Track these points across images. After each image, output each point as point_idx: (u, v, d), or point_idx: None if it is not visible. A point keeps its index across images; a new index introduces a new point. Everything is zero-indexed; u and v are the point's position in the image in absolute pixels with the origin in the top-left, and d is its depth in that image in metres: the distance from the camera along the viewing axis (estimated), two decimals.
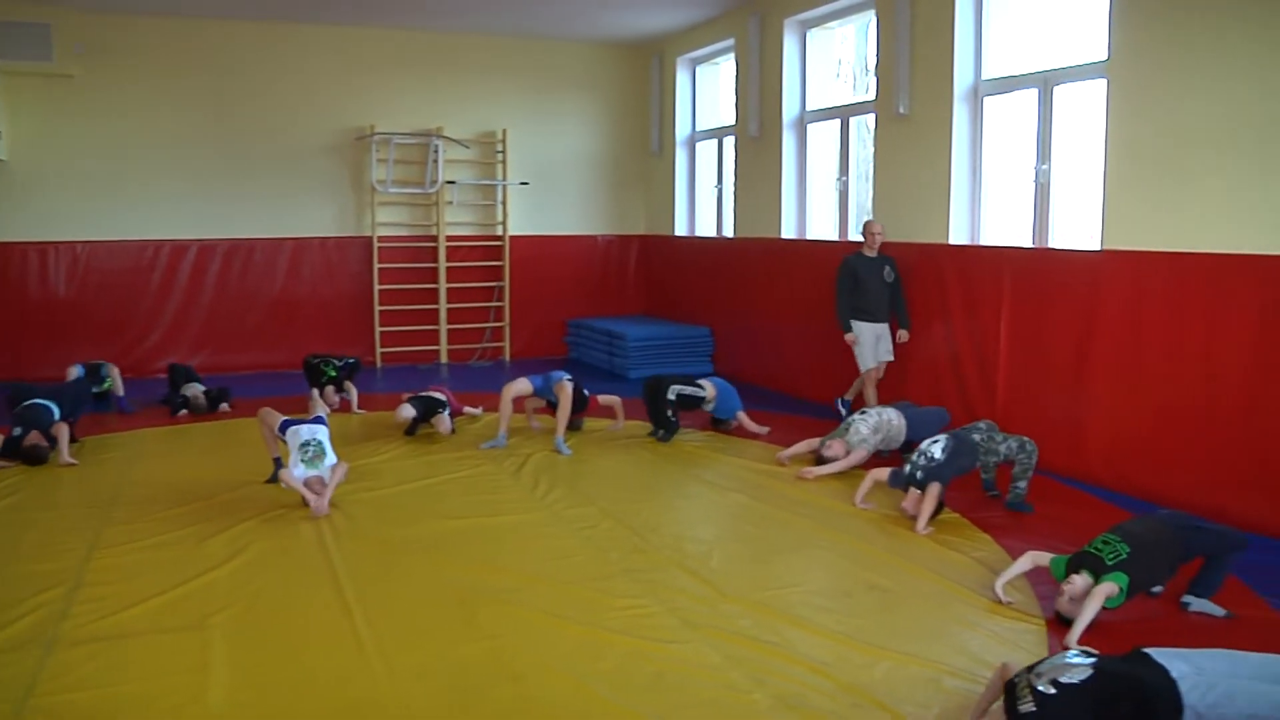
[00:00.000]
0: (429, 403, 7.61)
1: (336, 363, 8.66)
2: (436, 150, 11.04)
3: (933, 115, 7.62)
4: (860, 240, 7.96)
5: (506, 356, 11.79)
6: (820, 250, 8.97)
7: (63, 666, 3.71)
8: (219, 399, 8.56)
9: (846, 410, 8.00)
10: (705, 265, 11.03)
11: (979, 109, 7.47)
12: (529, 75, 11.59)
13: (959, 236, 7.58)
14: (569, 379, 7.41)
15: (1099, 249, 6.33)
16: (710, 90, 11.49)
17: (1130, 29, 6.03)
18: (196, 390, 8.53)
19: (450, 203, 11.36)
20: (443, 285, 11.41)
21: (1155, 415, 5.95)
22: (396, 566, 4.82)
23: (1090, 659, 3.10)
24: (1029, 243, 7.10)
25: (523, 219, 11.74)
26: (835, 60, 9.52)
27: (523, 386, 7.48)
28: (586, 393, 7.64)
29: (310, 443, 5.75)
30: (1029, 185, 7.11)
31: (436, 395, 7.73)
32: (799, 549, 5.13)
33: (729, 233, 10.93)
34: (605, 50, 11.93)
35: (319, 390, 8.33)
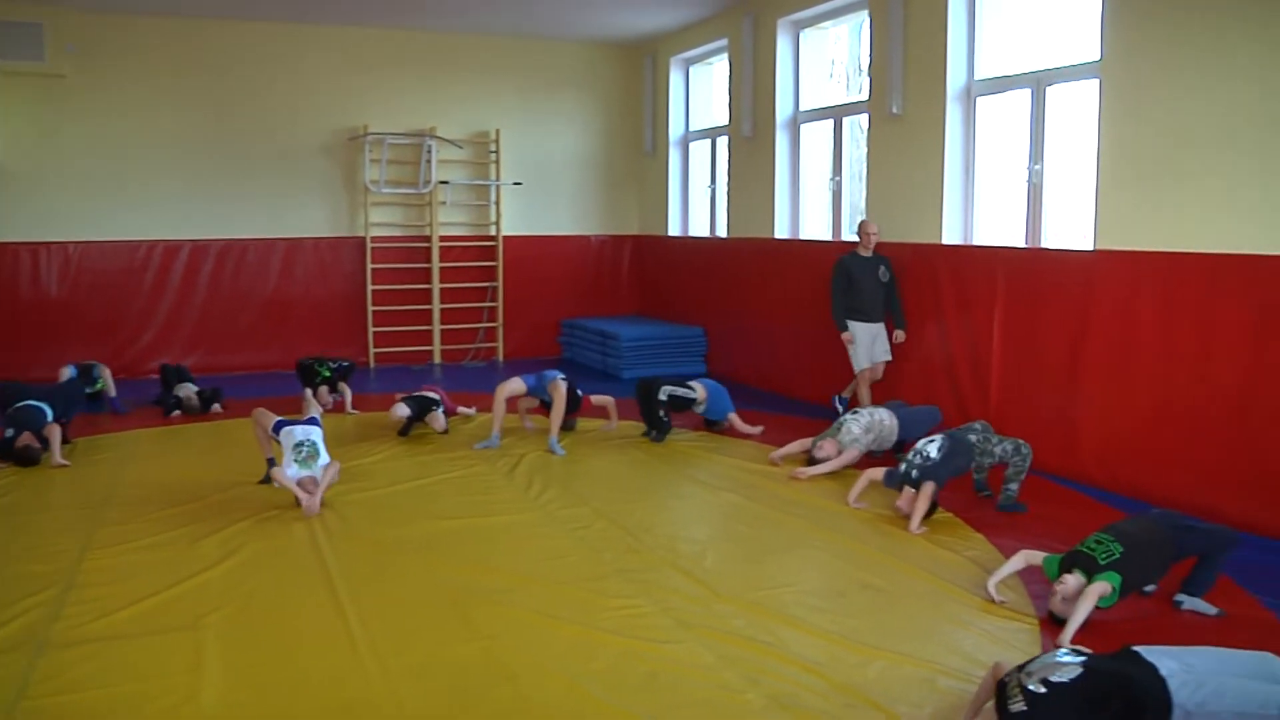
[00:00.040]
0: (423, 402, 7.62)
1: (330, 364, 8.65)
2: (430, 150, 11.02)
3: (926, 115, 7.63)
4: (854, 240, 7.96)
5: (500, 357, 11.78)
6: (813, 250, 8.98)
7: (55, 668, 3.70)
8: (212, 400, 8.54)
9: (844, 408, 8.01)
10: (699, 265, 11.03)
11: (972, 109, 7.48)
12: (522, 75, 11.59)
13: (952, 236, 7.59)
14: (563, 379, 7.41)
15: (1092, 249, 6.35)
16: (704, 90, 11.49)
17: (1123, 29, 6.06)
18: (189, 391, 8.49)
19: (443, 203, 11.34)
20: (436, 285, 11.39)
21: (1148, 415, 5.97)
22: (390, 567, 4.82)
23: (1080, 658, 3.11)
24: (1022, 243, 7.12)
25: (516, 219, 11.73)
26: (828, 60, 9.54)
27: (516, 386, 7.48)
28: (580, 393, 7.64)
29: (304, 443, 5.75)
30: (1022, 185, 7.13)
31: (430, 395, 7.73)
32: (792, 549, 5.14)
33: (722, 233, 10.94)
34: (598, 50, 11.92)
35: (312, 391, 8.34)
